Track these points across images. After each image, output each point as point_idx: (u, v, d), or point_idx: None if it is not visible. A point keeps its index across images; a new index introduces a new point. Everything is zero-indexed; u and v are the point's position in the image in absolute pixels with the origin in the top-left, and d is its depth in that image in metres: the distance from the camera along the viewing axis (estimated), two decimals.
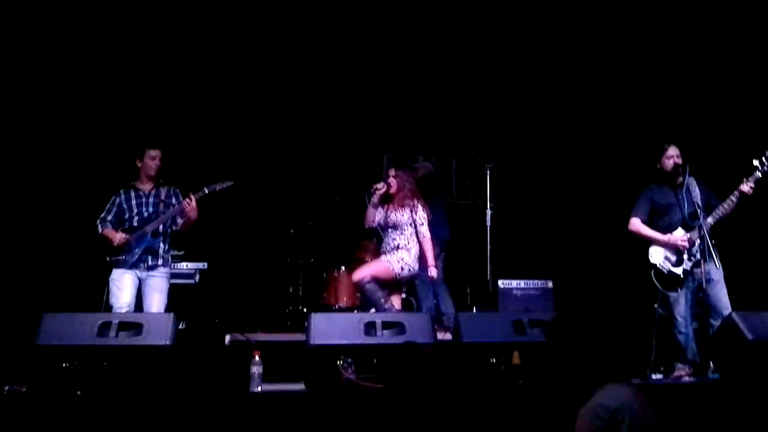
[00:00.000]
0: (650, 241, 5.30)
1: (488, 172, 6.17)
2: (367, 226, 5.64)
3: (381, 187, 5.57)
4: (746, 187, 5.01)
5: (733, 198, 5.06)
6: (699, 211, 5.08)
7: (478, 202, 8.15)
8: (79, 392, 3.80)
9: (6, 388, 3.96)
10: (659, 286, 5.20)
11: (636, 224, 5.37)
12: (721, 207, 5.10)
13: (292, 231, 6.89)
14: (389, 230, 5.53)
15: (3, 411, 3.61)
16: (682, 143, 5.45)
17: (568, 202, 7.87)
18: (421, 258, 5.48)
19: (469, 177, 8.33)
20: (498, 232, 6.09)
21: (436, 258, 5.71)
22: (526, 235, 7.72)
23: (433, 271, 5.47)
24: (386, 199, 5.61)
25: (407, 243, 5.43)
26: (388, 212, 5.55)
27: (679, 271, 5.16)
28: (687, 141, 5.60)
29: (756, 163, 5.04)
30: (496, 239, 5.98)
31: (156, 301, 5.18)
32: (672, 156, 5.32)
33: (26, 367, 3.98)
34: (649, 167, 5.49)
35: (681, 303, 5.13)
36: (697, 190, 5.23)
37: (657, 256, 5.26)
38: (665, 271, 5.20)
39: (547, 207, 7.93)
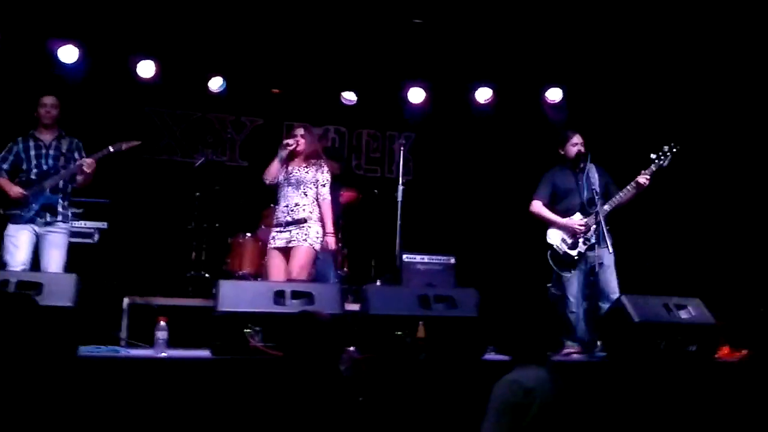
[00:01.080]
0: (549, 224, 5.54)
1: (401, 147, 6.26)
2: (268, 182, 5.33)
3: (292, 143, 5.32)
4: (642, 179, 5.34)
5: (630, 188, 5.37)
6: (596, 197, 5.35)
7: (386, 175, 8.25)
8: None
9: None
10: (554, 267, 5.46)
11: (537, 206, 5.60)
12: (617, 195, 5.40)
13: (197, 194, 6.74)
14: (290, 188, 5.27)
15: None
16: (586, 129, 5.70)
17: (474, 181, 8.07)
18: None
19: (378, 150, 8.40)
20: (406, 208, 6.21)
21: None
22: (433, 212, 7.87)
23: (330, 240, 5.32)
24: (291, 156, 5.35)
25: (311, 212, 5.24)
26: (290, 169, 5.31)
27: (574, 253, 5.42)
28: (591, 127, 5.88)
29: (653, 156, 5.37)
30: (404, 214, 6.10)
31: (54, 257, 5.02)
32: (576, 144, 5.56)
33: None
34: (552, 151, 5.73)
35: (573, 284, 5.40)
36: (597, 177, 5.48)
37: (554, 237, 5.51)
38: (561, 253, 5.45)
39: (453, 185, 8.11)
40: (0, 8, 6.18)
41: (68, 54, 6.67)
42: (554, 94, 7.72)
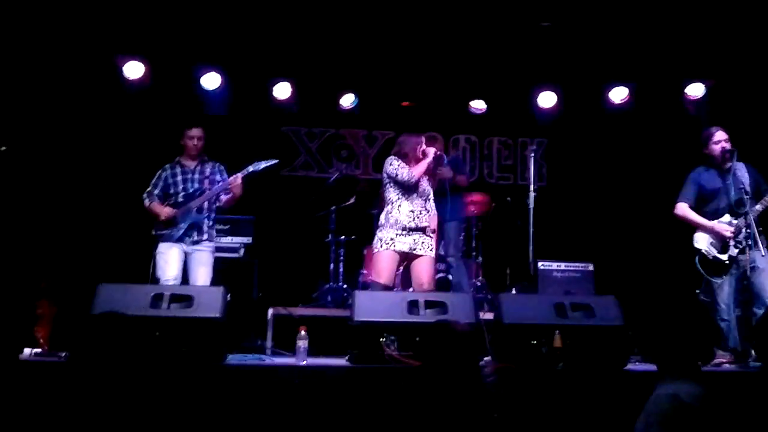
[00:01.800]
0: (696, 227, 5.27)
1: (532, 153, 6.17)
2: (414, 180, 5.16)
3: (436, 151, 5.34)
4: None
5: None
6: (746, 197, 5.03)
7: (518, 183, 8.14)
8: (128, 361, 3.94)
9: (63, 354, 4.13)
10: (704, 273, 5.18)
11: (682, 209, 5.34)
12: (765, 199, 5.05)
13: (333, 208, 6.96)
14: (415, 196, 5.24)
15: (63, 377, 3.76)
16: (732, 127, 5.38)
17: (612, 185, 7.81)
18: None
19: (510, 157, 8.31)
20: (539, 214, 6.10)
21: None
22: (568, 218, 7.69)
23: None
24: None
25: (430, 223, 5.28)
26: (421, 177, 5.28)
27: (724, 257, 5.13)
28: (738, 124, 5.53)
29: None
30: (537, 221, 6.00)
31: (201, 274, 5.31)
32: (720, 141, 5.26)
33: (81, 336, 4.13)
34: (696, 151, 5.45)
35: (725, 290, 5.11)
36: (746, 175, 5.18)
37: (702, 242, 5.23)
38: (710, 258, 5.18)
39: (589, 190, 7.89)
40: (148, 36, 6.65)
41: (210, 81, 7.08)
42: (696, 90, 7.33)
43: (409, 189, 5.22)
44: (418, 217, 5.21)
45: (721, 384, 4.26)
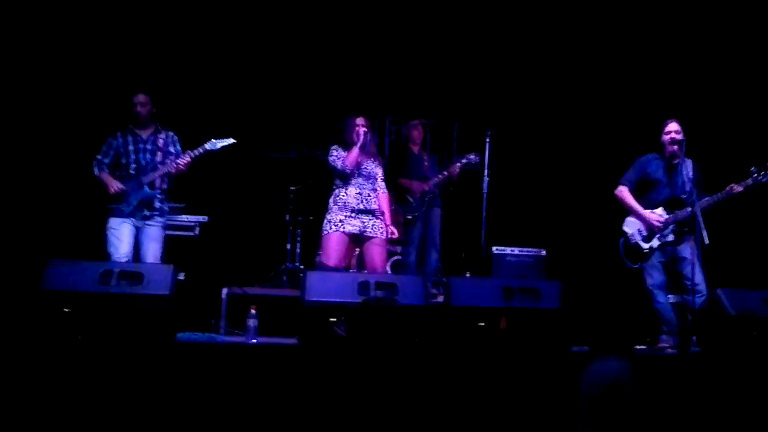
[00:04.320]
0: (629, 211, 5.39)
1: (488, 138, 6.23)
2: (348, 169, 5.18)
3: (367, 132, 5.28)
4: (737, 188, 5.03)
5: (722, 195, 5.10)
6: (683, 197, 5.16)
7: (477, 168, 8.20)
8: (79, 337, 3.94)
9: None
10: (622, 255, 5.34)
11: (622, 192, 5.42)
12: (706, 199, 5.14)
13: (292, 188, 6.96)
14: (360, 179, 5.26)
15: (8, 355, 3.75)
16: (690, 122, 5.42)
17: (567, 171, 7.92)
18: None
19: (470, 142, 8.36)
20: (495, 199, 6.19)
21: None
22: (523, 203, 7.80)
23: (394, 230, 5.36)
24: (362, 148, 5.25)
25: (378, 204, 5.31)
26: (361, 160, 5.26)
27: (645, 246, 5.27)
28: (696, 120, 5.59)
29: (753, 169, 5.03)
30: (492, 206, 6.08)
31: (152, 249, 5.22)
32: (670, 132, 5.31)
33: (29, 313, 4.11)
34: (652, 140, 5.53)
35: (653, 276, 5.25)
36: (691, 173, 5.25)
37: (631, 226, 5.37)
38: (632, 243, 5.32)
39: (545, 176, 7.99)
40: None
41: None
42: None
43: (350, 175, 5.23)
44: (366, 199, 5.22)
45: (662, 367, 4.40)
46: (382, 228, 5.24)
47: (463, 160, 6.40)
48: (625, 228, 5.39)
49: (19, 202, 6.57)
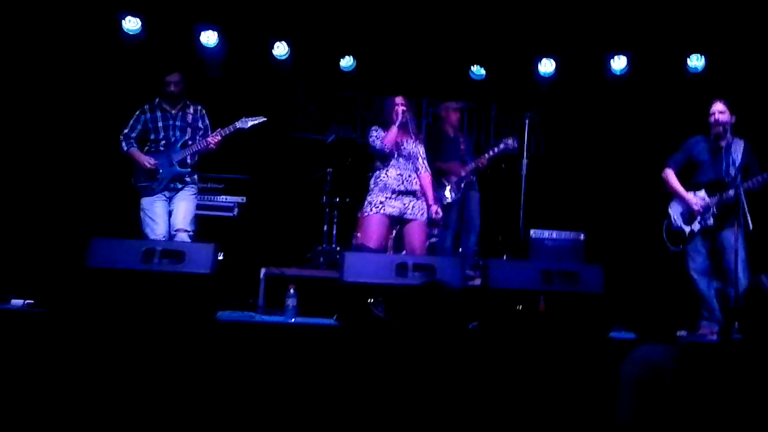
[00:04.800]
0: (673, 194, 5.33)
1: (527, 120, 6.16)
2: (387, 148, 5.11)
3: (405, 111, 5.21)
4: None
5: (765, 176, 4.98)
6: (727, 179, 5.06)
7: (515, 152, 8.14)
8: (123, 313, 4.02)
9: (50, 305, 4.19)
10: (665, 238, 5.31)
11: (667, 174, 5.37)
12: (755, 179, 5.03)
13: (329, 170, 6.98)
14: (401, 160, 5.20)
15: (50, 327, 3.84)
16: (734, 100, 5.31)
17: (609, 155, 7.82)
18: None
19: (508, 124, 8.30)
20: (533, 183, 6.13)
21: None
22: (563, 187, 7.72)
23: (438, 209, 5.30)
24: (403, 127, 5.20)
25: (419, 186, 5.24)
26: (401, 140, 5.19)
27: (687, 229, 5.22)
28: (739, 99, 5.46)
29: None
30: (531, 189, 6.02)
31: (181, 208, 5.17)
32: (714, 113, 5.20)
33: (73, 289, 4.20)
34: (694, 123, 5.45)
35: (696, 260, 5.18)
36: (740, 154, 5.14)
37: (674, 209, 5.33)
38: (674, 226, 5.28)
39: (585, 160, 7.90)
40: None
41: (209, 39, 7.05)
42: (696, 62, 7.29)
43: (390, 155, 5.18)
44: (407, 180, 5.18)
45: (703, 354, 4.33)
46: (423, 209, 5.20)
47: (501, 146, 6.33)
48: (670, 210, 5.33)
49: (59, 181, 6.71)
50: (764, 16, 6.43)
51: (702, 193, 5.20)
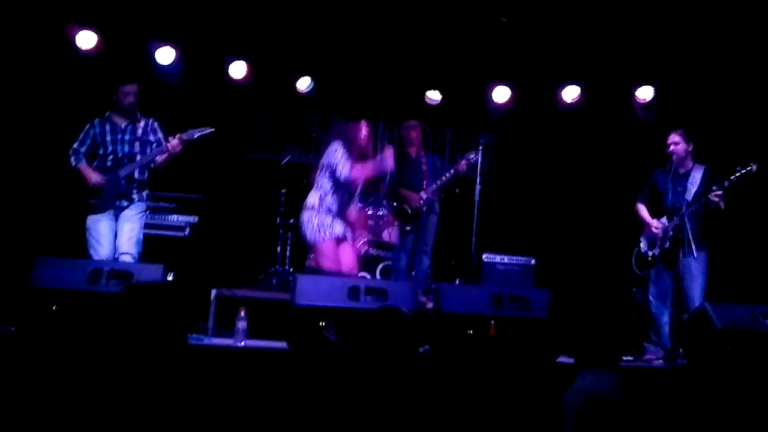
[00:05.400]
0: (642, 224, 5.58)
1: (482, 146, 6.24)
2: (354, 183, 5.25)
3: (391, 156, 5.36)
4: (714, 194, 5.10)
5: (704, 199, 5.18)
6: (682, 202, 5.23)
7: (469, 175, 8.24)
8: (67, 335, 3.92)
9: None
10: (633, 262, 5.54)
11: (637, 207, 5.63)
12: (695, 206, 5.23)
13: (284, 191, 6.96)
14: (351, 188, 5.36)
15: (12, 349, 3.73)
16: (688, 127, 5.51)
17: (559, 182, 7.97)
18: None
19: (463, 149, 8.38)
20: (486, 207, 6.21)
21: None
22: (515, 212, 7.84)
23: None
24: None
25: None
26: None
27: (649, 253, 5.43)
28: (692, 126, 5.63)
29: (737, 168, 5.10)
30: (484, 213, 6.09)
31: (126, 230, 5.04)
32: (669, 144, 5.41)
33: (17, 309, 4.09)
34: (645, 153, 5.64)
35: (656, 284, 5.38)
36: (700, 179, 5.32)
37: (644, 236, 5.54)
38: (642, 252, 5.50)
39: (537, 185, 8.04)
40: (102, 9, 6.51)
41: (165, 55, 6.98)
42: (645, 93, 7.49)
43: (346, 186, 5.23)
44: (346, 205, 5.27)
45: (648, 379, 4.42)
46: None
47: (465, 160, 6.19)
48: (641, 237, 5.56)
49: (5, 196, 6.54)
50: (710, 43, 6.65)
51: (664, 219, 5.40)
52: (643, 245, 5.49)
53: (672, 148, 5.38)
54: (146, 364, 3.78)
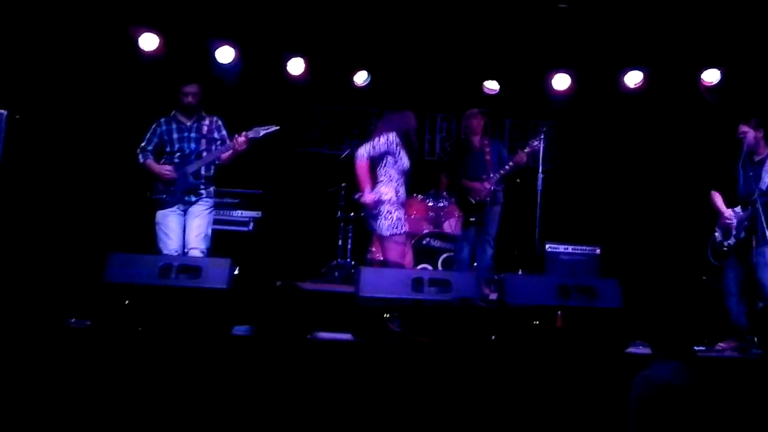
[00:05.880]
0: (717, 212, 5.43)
1: (542, 135, 6.14)
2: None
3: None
4: None
5: None
6: (756, 192, 5.07)
7: (529, 165, 8.14)
8: (139, 329, 4.03)
9: (71, 320, 4.22)
10: (709, 254, 5.38)
11: (711, 195, 5.47)
12: None
13: (344, 185, 7.00)
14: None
15: (68, 343, 3.86)
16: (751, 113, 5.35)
17: (622, 169, 7.80)
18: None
19: (522, 139, 8.29)
20: (548, 196, 6.11)
21: None
22: (577, 201, 7.70)
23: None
24: None
25: None
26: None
27: (725, 243, 5.28)
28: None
29: None
30: (546, 203, 6.00)
31: (195, 226, 5.14)
32: (739, 135, 5.28)
33: (91, 304, 4.22)
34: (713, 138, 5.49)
35: (729, 276, 5.23)
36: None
37: (719, 224, 5.39)
38: (716, 242, 5.35)
39: (599, 174, 7.89)
40: (162, 11, 6.69)
41: (225, 55, 7.11)
42: (711, 76, 7.27)
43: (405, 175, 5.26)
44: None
45: (721, 370, 4.29)
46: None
47: (529, 148, 6.11)
48: (717, 227, 5.41)
49: (78, 195, 6.76)
50: None
51: (738, 208, 5.26)
52: (718, 235, 5.34)
53: (741, 135, 5.26)
54: (208, 356, 3.88)
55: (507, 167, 6.18)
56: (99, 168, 6.89)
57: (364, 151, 5.19)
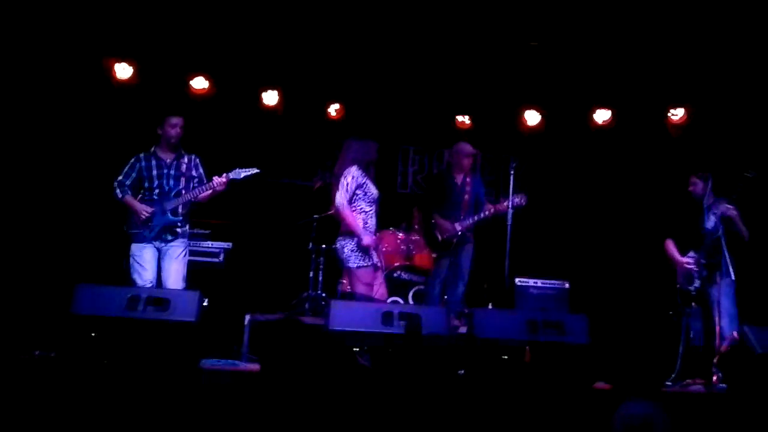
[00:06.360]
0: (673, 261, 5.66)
1: (513, 170, 6.20)
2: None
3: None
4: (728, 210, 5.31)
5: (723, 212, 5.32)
6: (707, 232, 5.36)
7: (500, 198, 8.21)
8: (105, 361, 3.98)
9: (36, 352, 4.16)
10: (678, 301, 5.55)
11: (666, 244, 5.71)
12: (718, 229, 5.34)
13: (316, 216, 7.01)
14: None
15: (33, 374, 3.79)
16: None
17: (592, 205, 7.92)
18: None
19: (493, 173, 8.38)
20: (518, 231, 6.17)
21: None
22: (547, 236, 7.78)
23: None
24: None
25: None
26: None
27: (691, 288, 5.47)
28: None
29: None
30: (516, 237, 6.05)
31: (173, 271, 5.20)
32: (692, 184, 5.60)
33: (57, 335, 4.16)
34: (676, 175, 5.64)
35: (696, 315, 5.42)
36: (719, 211, 5.40)
37: (678, 272, 5.60)
38: (684, 289, 5.54)
39: (569, 209, 7.99)
40: (140, 42, 6.71)
41: (199, 84, 7.14)
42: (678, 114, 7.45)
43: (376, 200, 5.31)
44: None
45: (688, 405, 4.34)
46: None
47: (511, 204, 5.94)
48: (678, 276, 5.62)
49: (46, 226, 6.68)
50: (740, 66, 6.62)
51: (691, 252, 5.49)
52: (683, 282, 5.53)
53: (691, 189, 5.60)
54: (175, 389, 3.84)
55: (485, 213, 6.23)
56: (68, 198, 6.82)
57: (341, 199, 5.18)
